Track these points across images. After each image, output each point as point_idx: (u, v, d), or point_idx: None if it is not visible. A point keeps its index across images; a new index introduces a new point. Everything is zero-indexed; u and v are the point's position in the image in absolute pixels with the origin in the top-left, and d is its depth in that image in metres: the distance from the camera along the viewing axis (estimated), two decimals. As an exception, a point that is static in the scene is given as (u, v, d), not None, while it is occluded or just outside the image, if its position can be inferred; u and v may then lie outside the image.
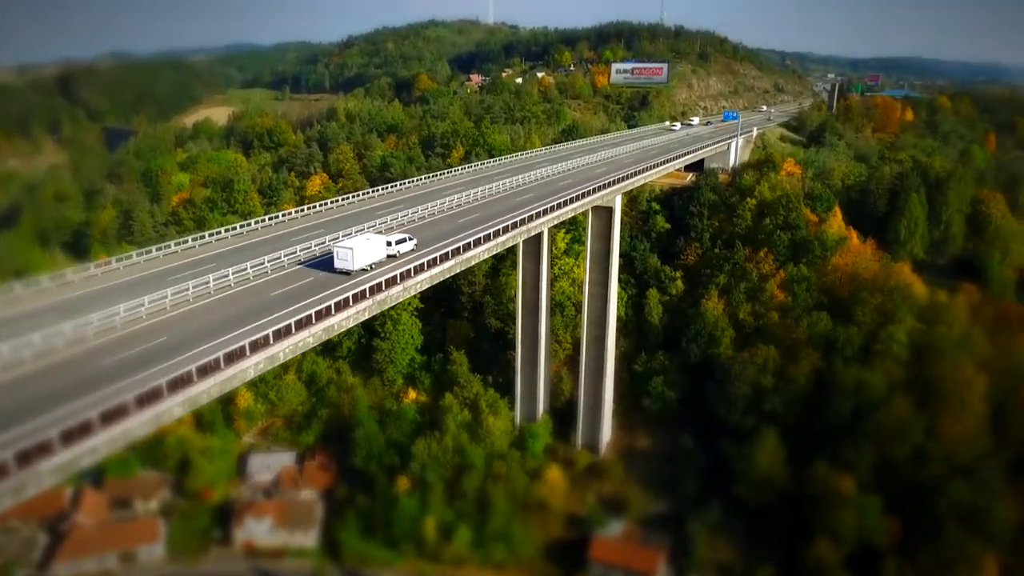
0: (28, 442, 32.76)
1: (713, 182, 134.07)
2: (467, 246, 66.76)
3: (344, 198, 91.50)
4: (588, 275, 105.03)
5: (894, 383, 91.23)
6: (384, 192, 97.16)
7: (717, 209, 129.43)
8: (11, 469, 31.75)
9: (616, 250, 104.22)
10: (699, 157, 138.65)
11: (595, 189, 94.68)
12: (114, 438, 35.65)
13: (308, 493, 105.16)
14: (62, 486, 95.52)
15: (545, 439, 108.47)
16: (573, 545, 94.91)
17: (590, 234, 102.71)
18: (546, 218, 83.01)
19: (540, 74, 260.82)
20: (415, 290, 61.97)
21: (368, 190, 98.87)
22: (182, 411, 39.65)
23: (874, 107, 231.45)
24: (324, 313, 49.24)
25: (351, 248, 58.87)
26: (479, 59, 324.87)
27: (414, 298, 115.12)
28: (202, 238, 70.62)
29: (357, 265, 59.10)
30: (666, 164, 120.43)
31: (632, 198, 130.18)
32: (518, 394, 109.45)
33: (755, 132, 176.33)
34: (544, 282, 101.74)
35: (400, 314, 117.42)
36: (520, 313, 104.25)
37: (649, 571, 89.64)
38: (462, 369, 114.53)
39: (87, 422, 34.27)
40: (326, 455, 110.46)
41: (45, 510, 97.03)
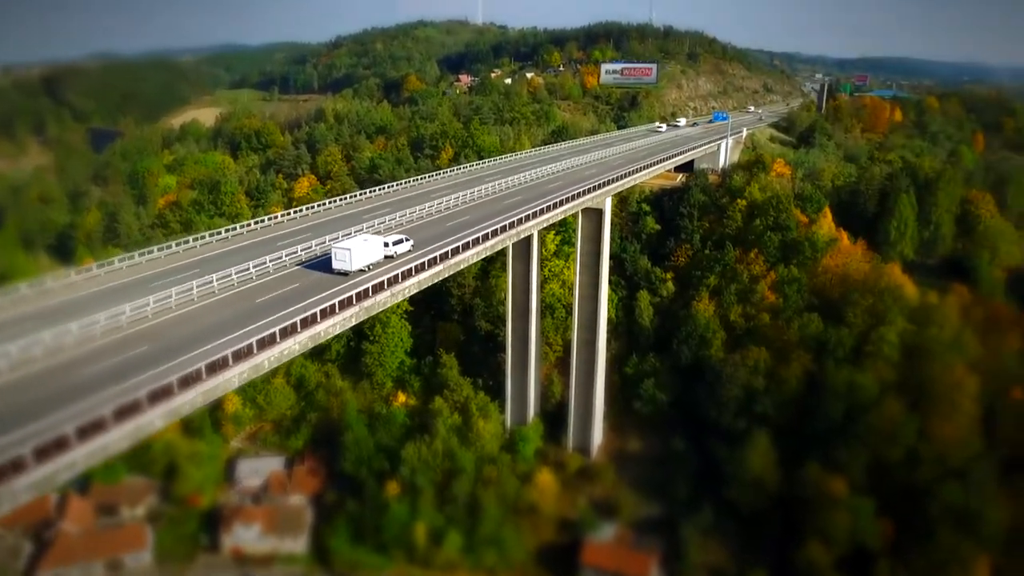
0: (0, 459, 31.70)
1: (703, 183, 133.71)
2: (456, 250, 65.95)
3: (331, 201, 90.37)
4: (578, 277, 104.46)
5: (885, 385, 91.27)
6: (372, 195, 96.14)
7: (707, 210, 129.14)
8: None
9: (606, 252, 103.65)
10: (689, 158, 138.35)
11: (585, 191, 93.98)
12: (92, 453, 34.60)
13: (297, 498, 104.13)
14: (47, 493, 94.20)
15: (536, 442, 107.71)
16: (565, 549, 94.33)
17: (580, 236, 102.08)
18: (536, 221, 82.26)
19: (529, 75, 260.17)
20: (403, 296, 61.14)
21: (356, 193, 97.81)
22: (163, 423, 38.57)
23: (863, 107, 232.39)
24: (310, 320, 48.32)
25: (349, 249, 59.27)
26: (468, 60, 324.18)
27: (403, 301, 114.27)
28: (186, 242, 69.42)
29: (355, 266, 59.45)
30: (656, 166, 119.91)
31: (622, 199, 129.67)
32: (508, 397, 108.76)
33: (745, 133, 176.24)
34: (534, 284, 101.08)
35: (389, 317, 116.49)
36: (510, 316, 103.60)
37: (641, 575, 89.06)
38: (452, 372, 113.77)
39: (63, 437, 33.19)
40: (315, 460, 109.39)
41: (29, 517, 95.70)
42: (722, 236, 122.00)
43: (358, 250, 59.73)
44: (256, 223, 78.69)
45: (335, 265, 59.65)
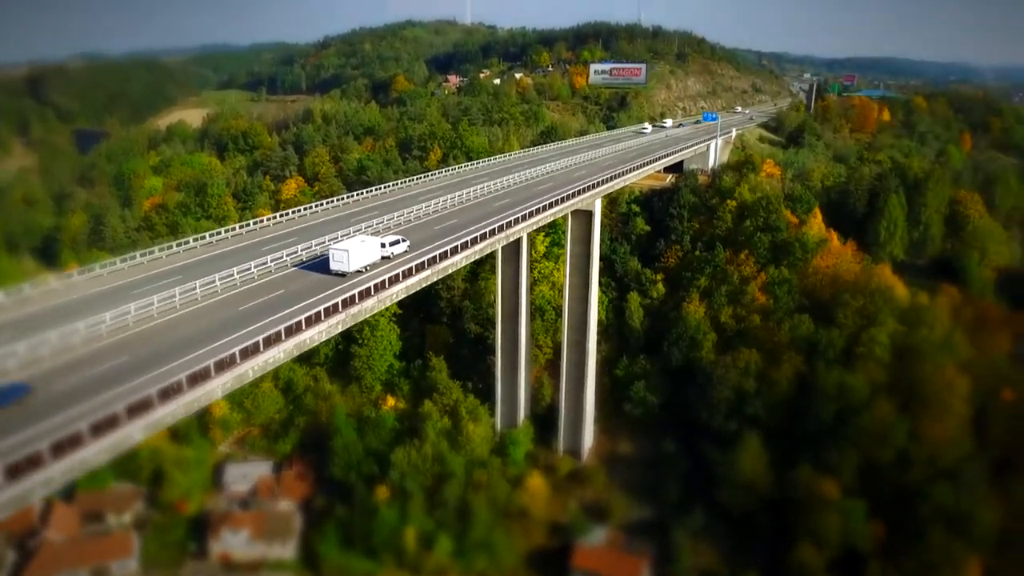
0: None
1: (693, 183, 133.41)
2: (444, 255, 65.24)
3: (318, 204, 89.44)
4: (568, 279, 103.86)
5: (876, 386, 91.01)
6: (359, 198, 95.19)
7: (697, 211, 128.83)
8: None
9: (596, 254, 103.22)
10: (679, 159, 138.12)
11: (575, 193, 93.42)
12: (69, 469, 33.61)
13: (286, 504, 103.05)
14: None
15: (526, 446, 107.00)
16: (556, 553, 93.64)
17: (570, 238, 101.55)
18: (526, 224, 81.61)
19: (518, 75, 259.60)
20: (389, 301, 60.42)
21: (343, 196, 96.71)
22: (143, 436, 37.62)
23: (851, 107, 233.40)
24: (295, 329, 47.40)
25: (347, 250, 59.51)
26: (457, 60, 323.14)
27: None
28: (170, 248, 68.37)
29: (352, 267, 59.65)
30: (645, 167, 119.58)
31: (612, 200, 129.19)
32: (498, 400, 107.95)
33: (734, 133, 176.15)
34: (524, 287, 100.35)
35: (378, 320, 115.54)
36: (500, 318, 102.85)
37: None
38: (441, 375, 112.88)
39: (37, 454, 32.20)
40: (304, 464, 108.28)
41: (13, 526, 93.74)
42: (712, 237, 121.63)
43: (356, 251, 60.09)
44: (241, 227, 77.59)
45: (333, 266, 59.86)
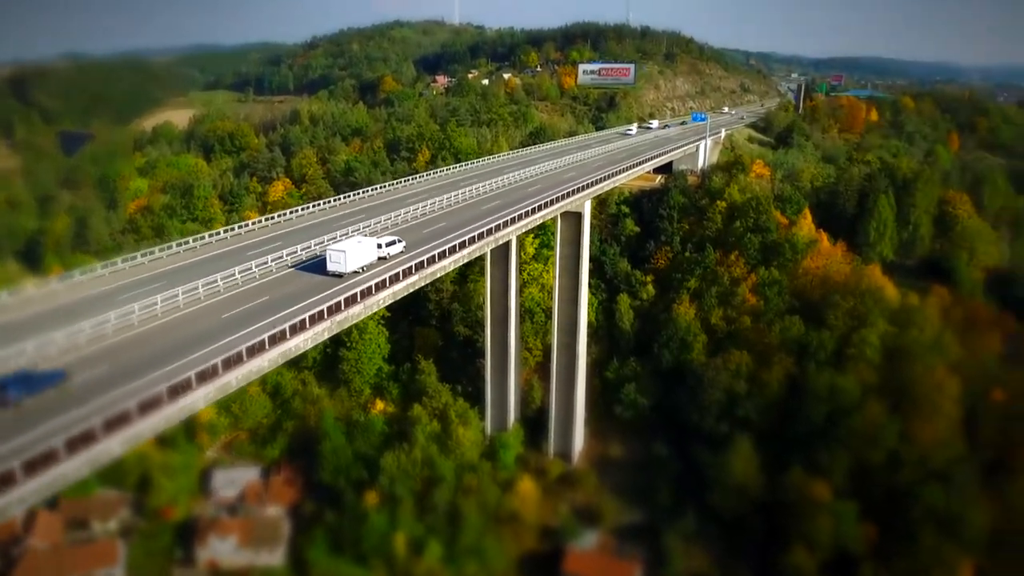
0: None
1: (682, 184, 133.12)
2: (432, 259, 64.52)
3: (304, 208, 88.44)
4: (558, 281, 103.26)
5: (867, 387, 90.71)
6: (347, 200, 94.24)
7: (687, 212, 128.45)
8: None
9: (586, 255, 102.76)
10: (668, 159, 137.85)
11: (564, 195, 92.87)
12: (45, 486, 32.46)
13: (274, 509, 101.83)
14: None
15: (516, 449, 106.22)
16: (547, 558, 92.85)
17: (559, 240, 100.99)
18: (515, 226, 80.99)
19: (507, 75, 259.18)
20: (376, 307, 59.39)
21: (330, 199, 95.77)
22: (122, 450, 36.57)
23: (840, 107, 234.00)
24: (279, 337, 46.45)
25: (344, 251, 59.56)
26: (445, 60, 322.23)
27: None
28: (151, 253, 67.21)
29: (350, 268, 59.69)
30: (634, 168, 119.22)
31: (601, 201, 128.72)
32: (488, 403, 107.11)
33: (723, 133, 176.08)
34: (513, 289, 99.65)
35: (366, 323, 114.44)
36: (489, 321, 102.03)
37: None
38: (430, 379, 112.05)
39: (9, 472, 31.12)
40: (292, 469, 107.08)
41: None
42: (702, 238, 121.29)
43: (353, 252, 60.16)
44: (226, 231, 76.48)
45: (330, 267, 59.87)
